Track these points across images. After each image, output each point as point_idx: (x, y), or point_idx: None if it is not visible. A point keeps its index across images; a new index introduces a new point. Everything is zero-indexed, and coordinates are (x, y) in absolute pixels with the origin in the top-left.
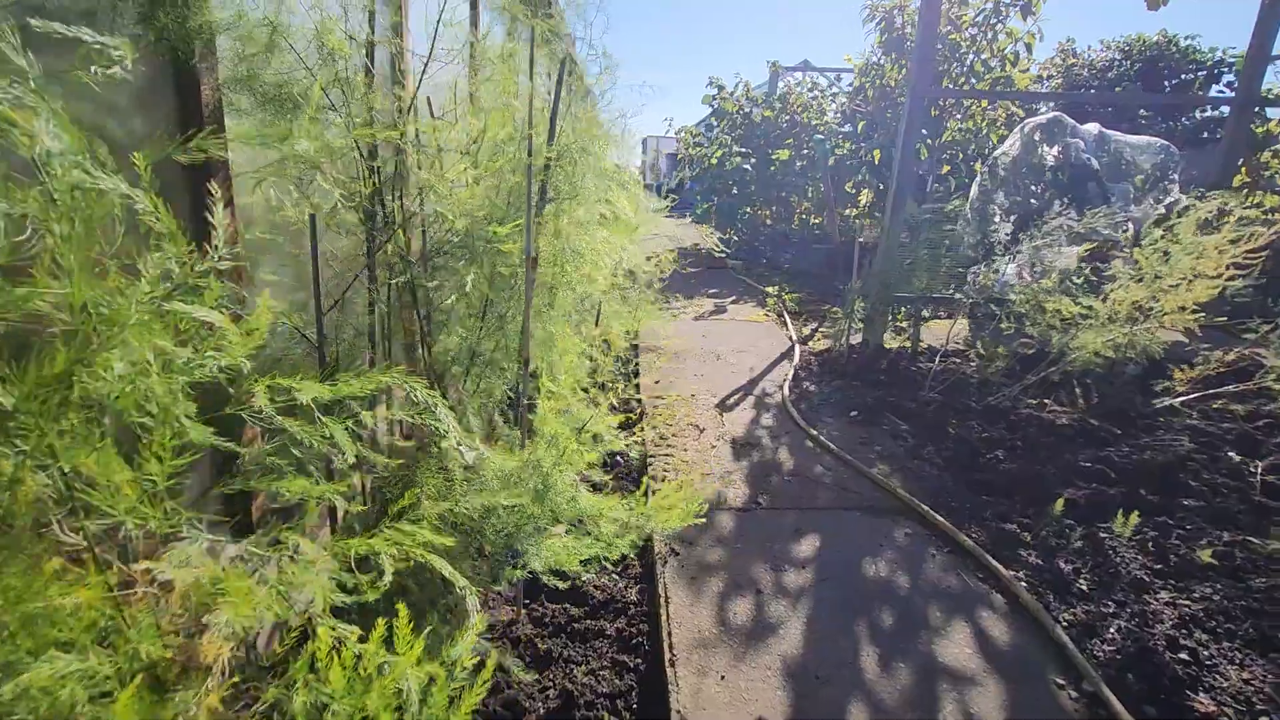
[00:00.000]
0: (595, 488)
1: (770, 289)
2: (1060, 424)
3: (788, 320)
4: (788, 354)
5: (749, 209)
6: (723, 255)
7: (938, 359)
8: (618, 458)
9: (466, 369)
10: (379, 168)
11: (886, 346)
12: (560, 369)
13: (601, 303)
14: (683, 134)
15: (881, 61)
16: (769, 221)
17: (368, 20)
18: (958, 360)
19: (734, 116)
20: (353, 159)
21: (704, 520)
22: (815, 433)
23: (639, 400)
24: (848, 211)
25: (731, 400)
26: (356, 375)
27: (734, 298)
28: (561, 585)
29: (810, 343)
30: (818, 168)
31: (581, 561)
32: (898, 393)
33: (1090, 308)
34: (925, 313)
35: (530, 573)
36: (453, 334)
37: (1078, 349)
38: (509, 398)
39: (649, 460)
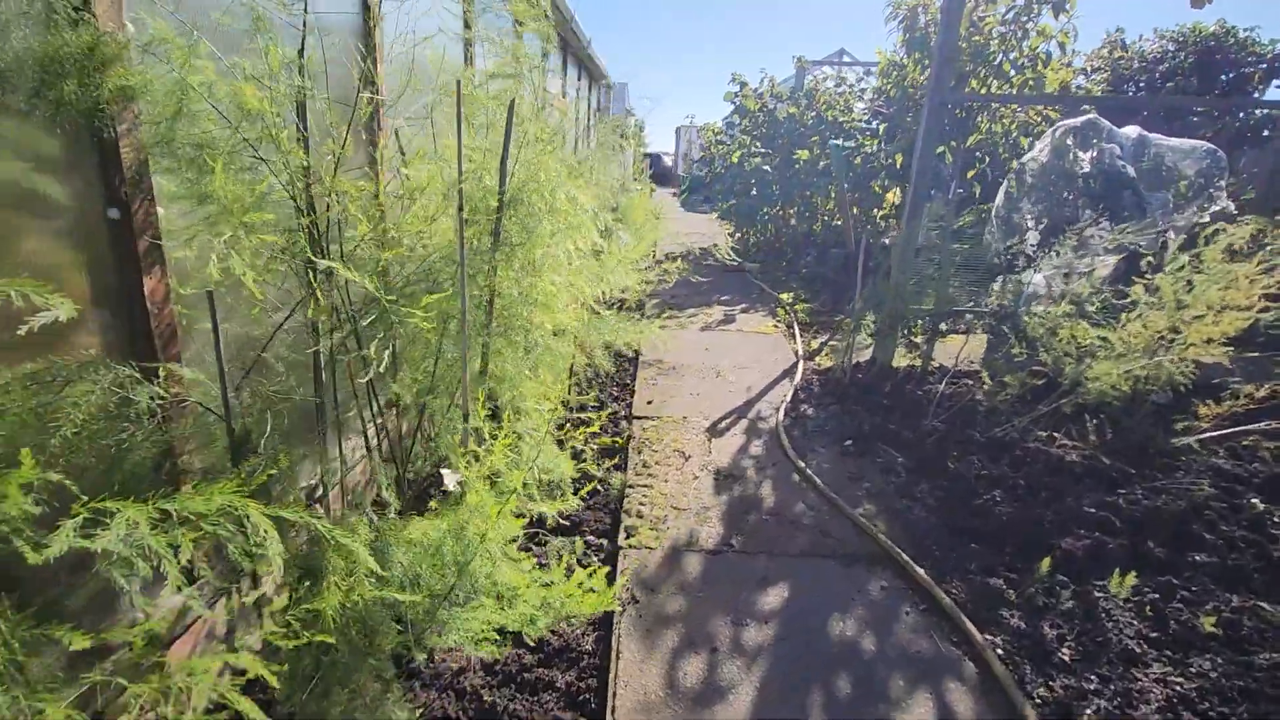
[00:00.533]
0: (567, 524)
1: (785, 295)
2: (1069, 460)
3: (796, 333)
4: (791, 371)
5: (768, 209)
6: (735, 263)
7: (945, 381)
8: (597, 486)
9: (421, 412)
10: (314, 222)
11: (895, 365)
12: (522, 408)
13: (580, 327)
14: (704, 131)
15: (904, 61)
16: (792, 222)
17: (297, 74)
18: (969, 382)
19: (755, 114)
20: (288, 212)
21: (671, 562)
22: (803, 465)
23: (630, 420)
24: (874, 212)
25: (724, 424)
26: (196, 492)
27: (745, 305)
28: (496, 656)
29: (817, 358)
30: (838, 169)
31: (498, 631)
32: (899, 419)
33: (1105, 339)
34: (943, 326)
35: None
36: (400, 381)
37: (1093, 380)
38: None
39: (628, 491)
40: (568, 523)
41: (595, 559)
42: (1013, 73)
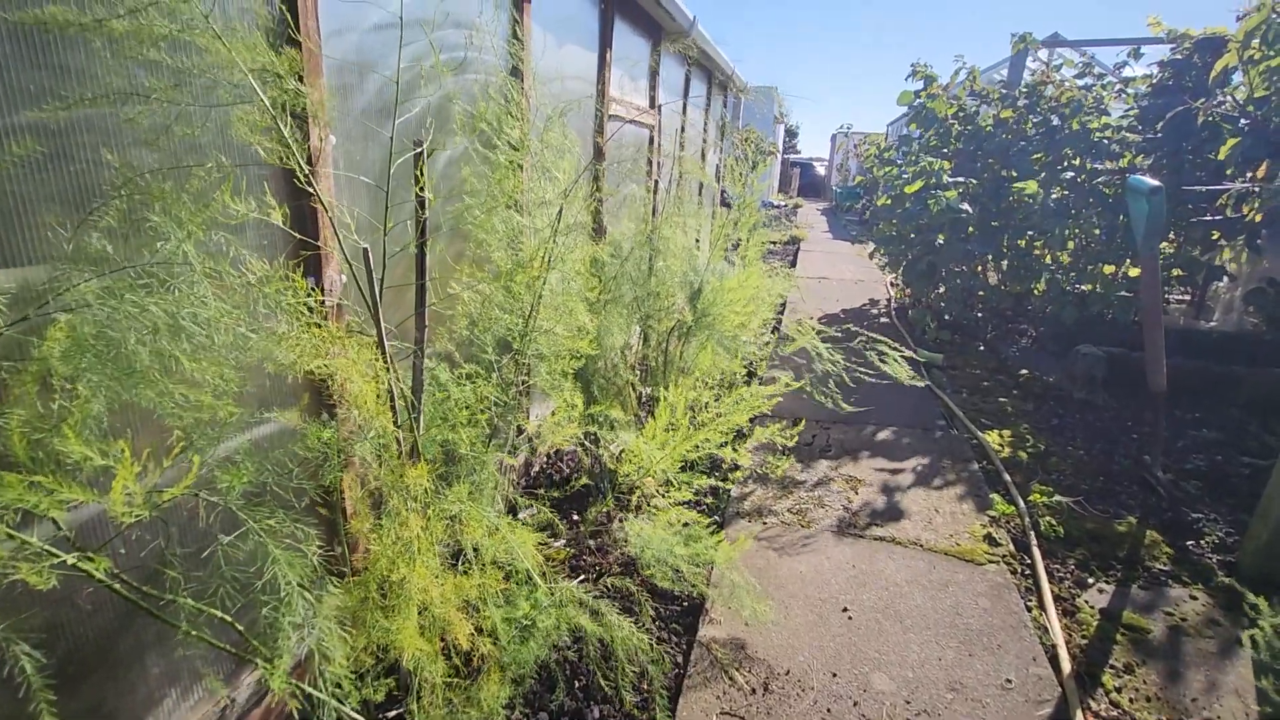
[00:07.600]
0: None
1: (993, 437)
2: None
3: (1041, 575)
4: None
5: (957, 266)
6: (922, 381)
7: None
8: None
9: None
10: None
11: None
12: None
13: None
14: (863, 146)
15: None
16: (992, 280)
17: None
18: None
19: (946, 123)
20: None
21: None
22: None
23: None
24: (1123, 270)
25: None
26: None
27: (921, 458)
28: None
29: (1107, 675)
30: (1150, 225)
31: None
32: None
33: None
34: None
35: None
36: None
37: None
38: None
39: None
40: None
41: None
42: None
